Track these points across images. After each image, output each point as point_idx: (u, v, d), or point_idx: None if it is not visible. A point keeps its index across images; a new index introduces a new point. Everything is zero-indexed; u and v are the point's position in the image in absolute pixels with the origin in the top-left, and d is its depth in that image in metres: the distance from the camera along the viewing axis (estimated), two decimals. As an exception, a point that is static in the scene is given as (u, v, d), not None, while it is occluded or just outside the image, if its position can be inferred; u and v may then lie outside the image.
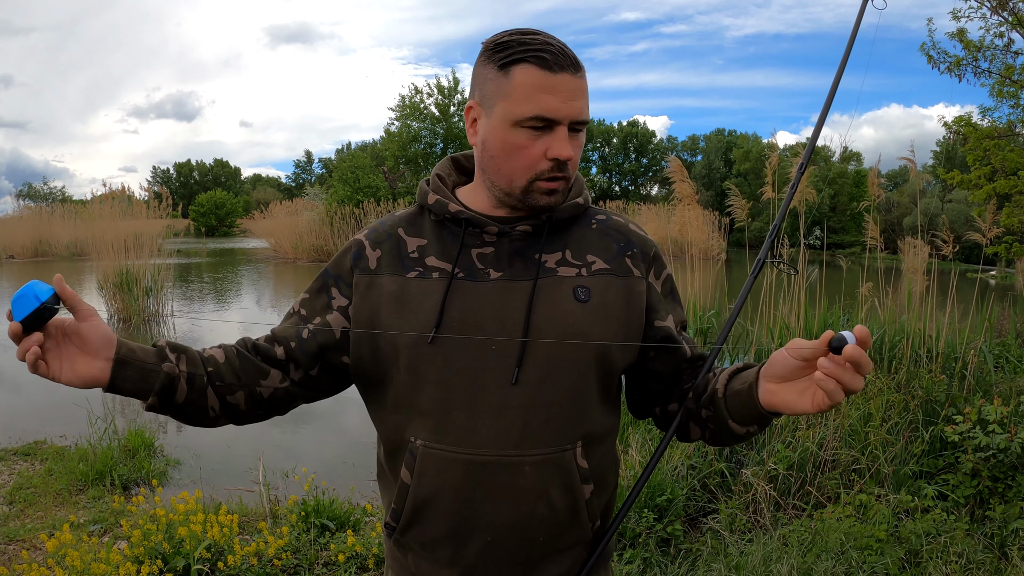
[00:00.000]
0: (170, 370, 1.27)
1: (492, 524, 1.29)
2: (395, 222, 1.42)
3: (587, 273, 1.34)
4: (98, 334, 1.22)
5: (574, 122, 1.27)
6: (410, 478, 1.31)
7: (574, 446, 1.30)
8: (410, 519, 1.33)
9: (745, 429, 1.27)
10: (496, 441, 1.26)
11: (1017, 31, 7.27)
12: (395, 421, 1.34)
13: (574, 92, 1.26)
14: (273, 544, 3.71)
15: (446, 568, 1.34)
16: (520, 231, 1.33)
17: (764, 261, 1.42)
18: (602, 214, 1.45)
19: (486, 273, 1.31)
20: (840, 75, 1.52)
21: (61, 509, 4.72)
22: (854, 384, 1.08)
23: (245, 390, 1.36)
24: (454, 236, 1.35)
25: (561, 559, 1.35)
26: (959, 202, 30.43)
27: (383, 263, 1.36)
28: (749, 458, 4.45)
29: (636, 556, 3.59)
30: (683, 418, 1.35)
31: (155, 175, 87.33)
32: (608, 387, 1.36)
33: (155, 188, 17.47)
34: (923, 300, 5.71)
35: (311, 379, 1.40)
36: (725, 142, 62.96)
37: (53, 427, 6.47)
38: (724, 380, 1.28)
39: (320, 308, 1.40)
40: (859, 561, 3.31)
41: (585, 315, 1.30)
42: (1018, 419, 4.14)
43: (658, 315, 1.38)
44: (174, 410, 1.31)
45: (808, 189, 5.55)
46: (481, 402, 1.27)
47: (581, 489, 1.31)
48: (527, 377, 1.26)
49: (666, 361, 1.39)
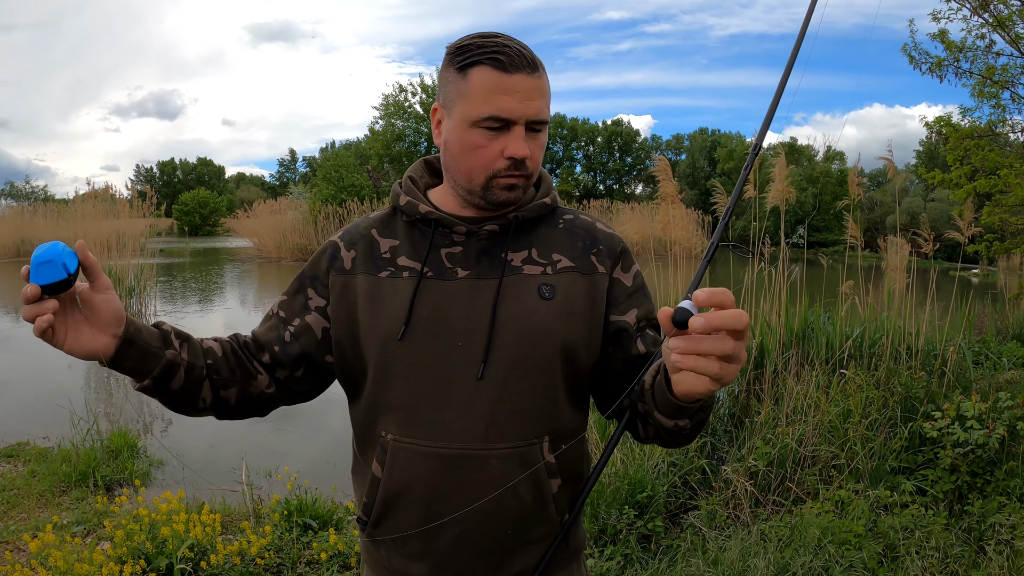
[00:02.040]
0: (172, 357, 1.28)
1: (461, 517, 1.31)
2: (369, 224, 1.45)
3: (552, 271, 1.36)
4: (110, 309, 1.21)
5: (531, 121, 1.30)
6: (381, 471, 1.34)
7: (540, 441, 1.32)
8: (381, 512, 1.36)
9: (673, 423, 1.22)
10: (463, 435, 1.29)
11: (998, 32, 7.35)
12: (367, 416, 1.37)
13: (530, 92, 1.28)
14: (256, 543, 3.72)
15: (417, 561, 1.37)
16: (487, 230, 1.36)
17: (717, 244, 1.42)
18: (569, 214, 1.47)
19: (454, 272, 1.34)
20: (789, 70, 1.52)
21: (44, 510, 4.70)
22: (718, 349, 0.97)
23: (238, 387, 1.38)
24: (424, 236, 1.38)
25: (530, 552, 1.38)
26: (941, 201, 30.66)
27: (357, 263, 1.39)
28: (730, 455, 4.49)
29: (616, 552, 3.62)
30: (631, 416, 1.35)
31: (138, 174, 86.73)
32: (576, 384, 1.38)
33: (139, 187, 17.40)
34: (904, 298, 5.76)
35: (295, 380, 1.43)
36: (709, 141, 63.21)
37: (36, 428, 6.44)
38: (653, 371, 1.25)
39: (298, 309, 1.43)
40: (837, 556, 3.35)
41: (549, 312, 1.32)
42: (996, 415, 4.19)
43: (616, 309, 1.39)
44: (165, 395, 1.31)
45: (788, 188, 5.58)
46: (449, 397, 1.29)
47: (548, 483, 1.34)
48: (493, 373, 1.29)
49: (619, 358, 1.39)
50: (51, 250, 1.12)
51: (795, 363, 5.22)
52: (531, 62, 1.29)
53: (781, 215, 5.65)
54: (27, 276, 1.13)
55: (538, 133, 1.32)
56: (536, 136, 1.32)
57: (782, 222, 5.70)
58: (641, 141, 70.12)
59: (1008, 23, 7.16)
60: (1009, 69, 7.58)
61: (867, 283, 6.18)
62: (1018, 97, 7.70)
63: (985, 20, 7.34)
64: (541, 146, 1.34)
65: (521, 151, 1.28)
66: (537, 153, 1.33)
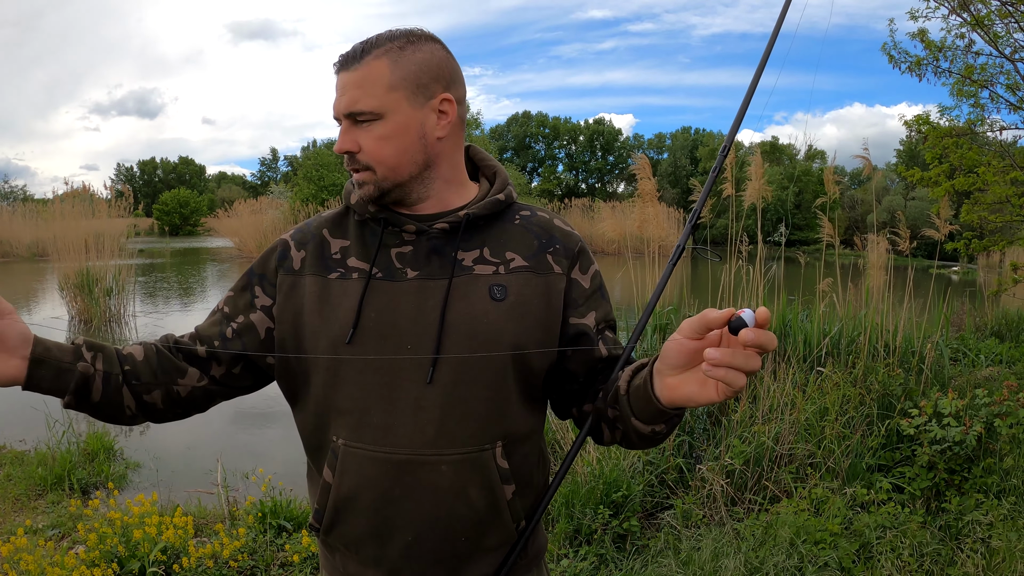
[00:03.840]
0: (84, 369, 1.27)
1: (412, 523, 1.29)
2: (320, 223, 1.43)
3: (505, 271, 1.34)
4: (14, 332, 1.21)
5: (351, 113, 1.29)
6: (332, 477, 1.31)
7: (493, 446, 1.30)
8: (332, 519, 1.34)
9: (650, 428, 1.22)
10: (412, 440, 1.27)
11: (977, 32, 7.39)
12: (316, 421, 1.35)
13: (345, 86, 1.29)
14: (229, 546, 3.69)
15: (372, 568, 1.35)
16: (438, 229, 1.33)
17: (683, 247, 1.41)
18: (526, 210, 1.44)
19: (404, 272, 1.32)
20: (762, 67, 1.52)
21: (20, 514, 4.65)
22: (751, 365, 1.02)
23: (162, 388, 1.35)
24: (375, 236, 1.36)
25: (487, 559, 1.36)
26: (921, 199, 30.93)
27: (307, 264, 1.37)
28: (707, 453, 4.49)
29: (591, 553, 3.61)
30: (594, 419, 1.34)
31: (118, 173, 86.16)
32: (529, 387, 1.36)
33: (118, 186, 17.26)
34: (882, 296, 5.80)
35: (233, 377, 1.41)
36: (691, 140, 63.53)
37: (12, 432, 6.38)
38: (627, 377, 1.25)
39: (244, 307, 1.40)
40: (810, 555, 3.35)
41: (500, 314, 1.30)
42: (973, 412, 4.21)
43: (575, 312, 1.37)
44: (91, 408, 1.31)
45: (765, 187, 5.60)
46: (398, 401, 1.27)
47: (502, 489, 1.31)
48: (441, 377, 1.27)
49: (579, 360, 1.37)
50: None
51: (772, 361, 5.22)
52: (354, 56, 1.29)
53: (758, 213, 5.67)
54: None
55: (371, 123, 1.29)
56: (367, 127, 1.29)
57: (758, 221, 5.72)
58: (623, 140, 70.42)
59: (987, 22, 7.19)
60: (988, 68, 7.62)
61: (846, 281, 6.21)
62: (996, 96, 7.74)
63: (964, 19, 7.38)
64: (379, 136, 1.30)
65: (339, 145, 1.31)
66: (371, 144, 1.30)
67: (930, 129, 8.04)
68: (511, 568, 1.37)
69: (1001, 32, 7.30)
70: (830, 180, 5.84)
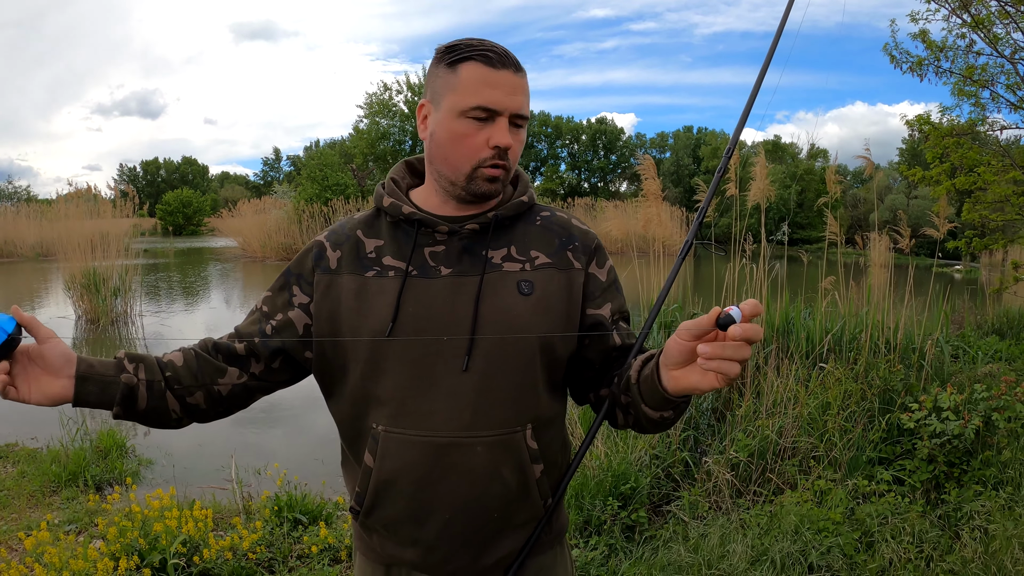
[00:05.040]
0: (128, 380, 1.37)
1: (449, 503, 1.38)
2: (354, 224, 1.51)
3: (531, 268, 1.44)
4: (57, 354, 1.32)
5: (514, 115, 1.38)
6: (373, 462, 1.40)
7: (524, 428, 1.39)
8: (373, 501, 1.42)
9: (659, 414, 1.33)
10: (450, 424, 1.36)
11: (976, 33, 7.43)
12: (355, 410, 1.44)
13: (515, 88, 1.37)
14: (248, 538, 3.77)
15: (409, 547, 1.44)
16: (468, 229, 1.43)
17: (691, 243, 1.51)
18: (546, 211, 1.55)
19: (437, 270, 1.41)
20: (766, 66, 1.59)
21: (35, 510, 4.71)
22: (741, 355, 1.12)
23: (203, 390, 1.44)
24: (408, 236, 1.45)
25: (515, 535, 1.45)
26: (923, 198, 30.90)
27: (343, 263, 1.46)
28: (712, 447, 4.58)
29: (601, 543, 3.70)
30: (609, 404, 1.44)
31: (121, 173, 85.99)
32: (554, 374, 1.46)
33: (121, 187, 17.28)
34: (884, 293, 5.87)
35: (272, 372, 1.49)
36: (694, 139, 63.43)
37: (24, 429, 6.44)
38: (638, 366, 1.36)
39: (282, 305, 1.49)
40: (814, 542, 3.44)
41: (528, 307, 1.40)
42: (972, 406, 4.29)
43: (592, 303, 1.47)
44: (139, 416, 1.41)
45: (769, 187, 5.67)
46: (435, 388, 1.36)
47: (531, 468, 1.42)
48: (476, 365, 1.36)
49: (596, 349, 1.48)
50: None
51: (775, 357, 5.31)
52: (515, 63, 1.38)
53: (762, 213, 5.74)
54: None
55: (519, 129, 1.40)
56: (517, 131, 1.40)
57: (763, 220, 5.79)
58: (625, 139, 70.24)
59: (986, 23, 7.25)
60: (989, 68, 7.67)
61: (848, 279, 6.29)
62: (997, 96, 7.79)
63: (964, 20, 7.43)
64: (521, 142, 1.42)
65: (505, 140, 1.36)
66: (517, 147, 1.41)
67: (931, 129, 8.10)
68: (536, 542, 1.48)
69: (1001, 34, 7.36)
70: (832, 180, 5.90)
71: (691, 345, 1.19)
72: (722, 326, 1.12)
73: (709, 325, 1.14)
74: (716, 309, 1.14)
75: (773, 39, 1.63)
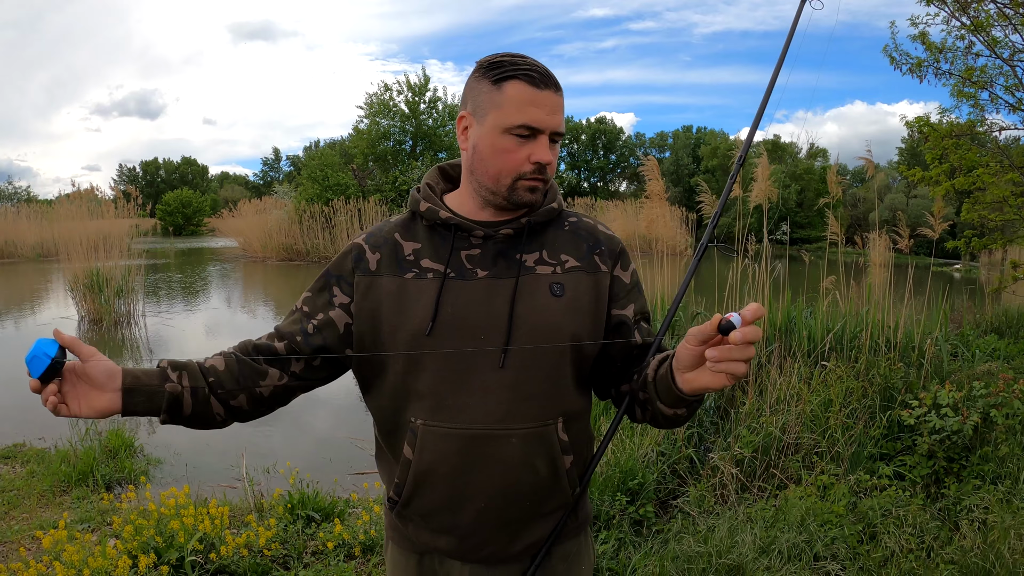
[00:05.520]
0: (172, 389, 1.44)
1: (484, 491, 1.47)
2: (391, 228, 1.59)
3: (561, 271, 1.52)
4: (100, 371, 1.39)
5: (553, 133, 1.46)
6: (412, 454, 1.48)
7: (555, 421, 1.49)
8: (412, 491, 1.51)
9: (673, 411, 1.42)
10: (486, 417, 1.45)
11: (975, 36, 7.47)
12: (394, 404, 1.52)
13: (555, 107, 1.46)
14: (264, 534, 3.83)
15: (443, 535, 1.53)
16: (503, 234, 1.51)
17: (706, 245, 1.60)
18: (574, 216, 1.63)
19: (474, 272, 1.49)
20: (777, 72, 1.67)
21: (47, 510, 4.75)
22: (745, 355, 1.21)
23: (246, 392, 1.51)
24: (445, 239, 1.52)
25: (544, 523, 1.55)
26: (924, 197, 30.90)
27: (382, 265, 1.53)
28: (716, 444, 4.65)
29: (611, 536, 3.77)
30: (630, 400, 1.53)
31: (121, 173, 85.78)
32: (582, 371, 1.55)
33: (122, 187, 17.28)
34: (884, 293, 5.93)
35: (313, 370, 1.56)
36: (693, 139, 63.40)
37: (31, 430, 6.48)
38: (655, 365, 1.44)
39: (322, 305, 1.56)
40: (819, 534, 3.52)
41: (560, 308, 1.49)
42: (970, 403, 4.37)
43: (617, 304, 1.57)
44: (184, 421, 1.49)
45: (770, 188, 5.73)
46: (473, 384, 1.45)
47: (562, 459, 1.51)
48: (511, 362, 1.45)
49: (619, 347, 1.57)
50: (33, 349, 1.33)
51: (778, 356, 5.38)
52: (555, 82, 1.47)
53: (764, 214, 5.81)
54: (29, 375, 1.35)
55: (555, 144, 1.49)
56: (554, 147, 1.49)
57: (765, 220, 5.85)
58: (625, 139, 70.24)
59: (985, 26, 7.29)
60: (987, 70, 7.71)
61: (848, 278, 6.35)
62: (996, 97, 7.83)
63: (963, 23, 7.48)
64: (557, 155, 1.51)
65: (546, 157, 1.45)
66: (555, 162, 1.50)
67: (930, 130, 8.15)
68: (563, 530, 1.57)
69: (1000, 36, 7.40)
70: (833, 181, 5.96)
71: (699, 350, 1.28)
72: (724, 331, 1.20)
73: (712, 331, 1.23)
74: (717, 316, 1.22)
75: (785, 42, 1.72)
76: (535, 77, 1.44)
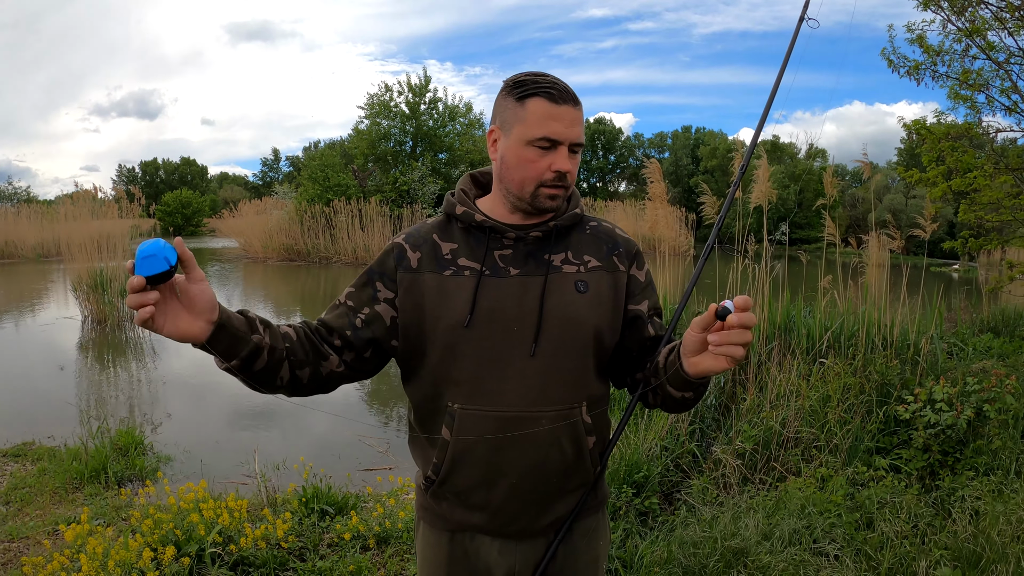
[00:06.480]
0: (258, 340, 1.49)
1: (516, 468, 1.62)
2: (429, 229, 1.73)
3: (584, 270, 1.69)
4: (205, 298, 1.39)
5: (572, 144, 1.61)
6: (450, 435, 1.63)
7: (580, 405, 1.65)
8: (450, 469, 1.65)
9: (681, 395, 1.57)
10: (519, 401, 1.60)
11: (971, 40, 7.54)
12: (432, 391, 1.66)
13: (573, 121, 1.61)
14: (280, 527, 3.93)
15: (477, 512, 1.68)
16: (533, 236, 1.67)
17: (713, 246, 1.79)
18: (594, 221, 1.79)
19: (507, 271, 1.65)
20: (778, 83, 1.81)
21: (60, 507, 4.81)
22: (743, 339, 1.35)
23: (311, 367, 1.62)
24: (479, 240, 1.67)
25: (568, 499, 1.71)
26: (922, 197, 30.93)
27: (423, 263, 1.67)
28: (718, 439, 4.77)
29: (617, 527, 3.89)
30: (643, 386, 1.68)
31: (120, 174, 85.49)
32: (602, 361, 1.71)
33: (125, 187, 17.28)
34: (881, 292, 6.04)
35: (363, 361, 1.69)
36: (692, 139, 63.42)
37: (41, 428, 6.55)
38: (665, 353, 1.61)
39: (367, 300, 1.69)
40: (819, 522, 3.65)
41: (584, 303, 1.65)
42: (964, 398, 4.49)
43: (633, 300, 1.73)
44: (251, 373, 1.51)
45: (770, 188, 5.83)
46: (506, 371, 1.60)
47: (586, 440, 1.67)
48: (542, 351, 1.60)
49: (634, 339, 1.73)
50: (154, 245, 1.26)
51: (778, 353, 5.50)
52: (574, 97, 1.61)
53: (764, 214, 5.91)
54: (132, 269, 1.27)
55: (575, 154, 1.63)
56: (574, 156, 1.63)
57: (764, 221, 5.96)
58: (624, 139, 70.21)
59: (981, 30, 7.37)
60: (984, 73, 7.78)
61: (846, 278, 6.47)
62: (992, 99, 7.91)
63: (959, 28, 7.56)
64: (577, 164, 1.65)
65: (565, 166, 1.60)
66: (574, 170, 1.64)
67: (927, 133, 8.23)
68: (584, 506, 1.73)
69: (996, 41, 7.49)
70: (829, 182, 6.06)
71: (702, 336, 1.42)
72: (721, 316, 1.35)
73: (711, 317, 1.37)
74: (714, 305, 1.36)
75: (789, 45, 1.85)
76: (554, 94, 1.58)
